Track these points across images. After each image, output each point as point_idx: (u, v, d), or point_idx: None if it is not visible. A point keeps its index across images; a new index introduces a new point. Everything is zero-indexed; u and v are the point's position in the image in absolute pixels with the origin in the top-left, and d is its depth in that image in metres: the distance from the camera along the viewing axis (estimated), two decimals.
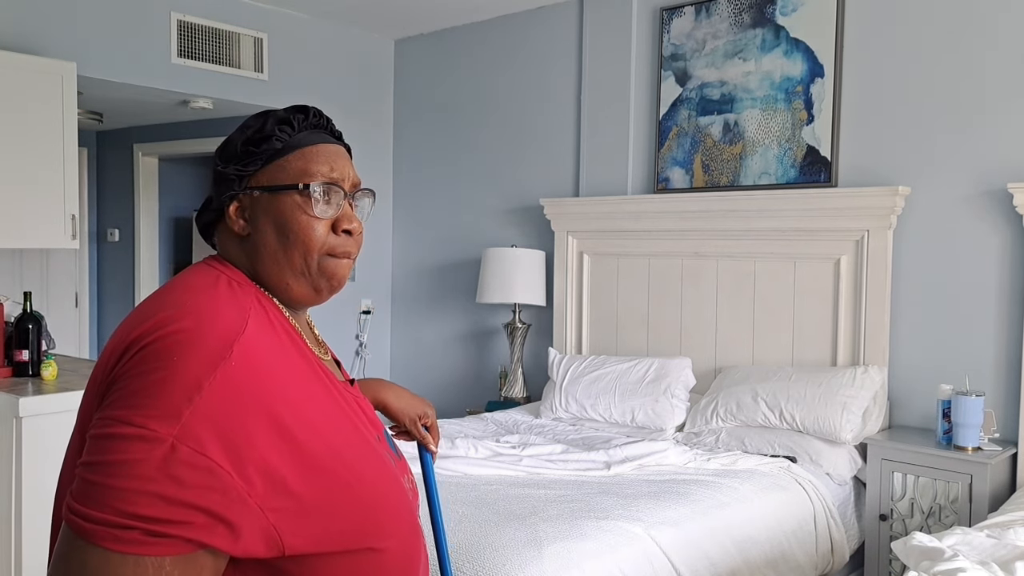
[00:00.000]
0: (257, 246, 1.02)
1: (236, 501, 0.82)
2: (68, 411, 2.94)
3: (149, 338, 0.87)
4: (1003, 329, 3.21)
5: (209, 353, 0.86)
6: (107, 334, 6.42)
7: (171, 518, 0.80)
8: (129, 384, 0.85)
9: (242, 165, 1.03)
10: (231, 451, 0.83)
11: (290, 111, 1.05)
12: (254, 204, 1.02)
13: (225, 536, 0.82)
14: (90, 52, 3.95)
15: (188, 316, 0.89)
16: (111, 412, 0.84)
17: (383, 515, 0.95)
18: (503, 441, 3.34)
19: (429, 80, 5.09)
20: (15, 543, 2.88)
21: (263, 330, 0.94)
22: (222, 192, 1.04)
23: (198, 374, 0.84)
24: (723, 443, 3.37)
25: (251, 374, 0.87)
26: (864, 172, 3.50)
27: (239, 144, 1.04)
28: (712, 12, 3.90)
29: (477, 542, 2.24)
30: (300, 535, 0.86)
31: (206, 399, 0.83)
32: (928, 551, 1.98)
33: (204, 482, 0.81)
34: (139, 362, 0.86)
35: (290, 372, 0.93)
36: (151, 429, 0.81)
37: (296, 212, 1.01)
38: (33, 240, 3.67)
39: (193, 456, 0.81)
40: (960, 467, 2.99)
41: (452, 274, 4.98)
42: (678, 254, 3.94)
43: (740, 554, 2.64)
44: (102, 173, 6.45)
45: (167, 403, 0.82)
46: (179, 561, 0.81)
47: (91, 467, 0.82)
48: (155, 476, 0.80)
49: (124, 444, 0.81)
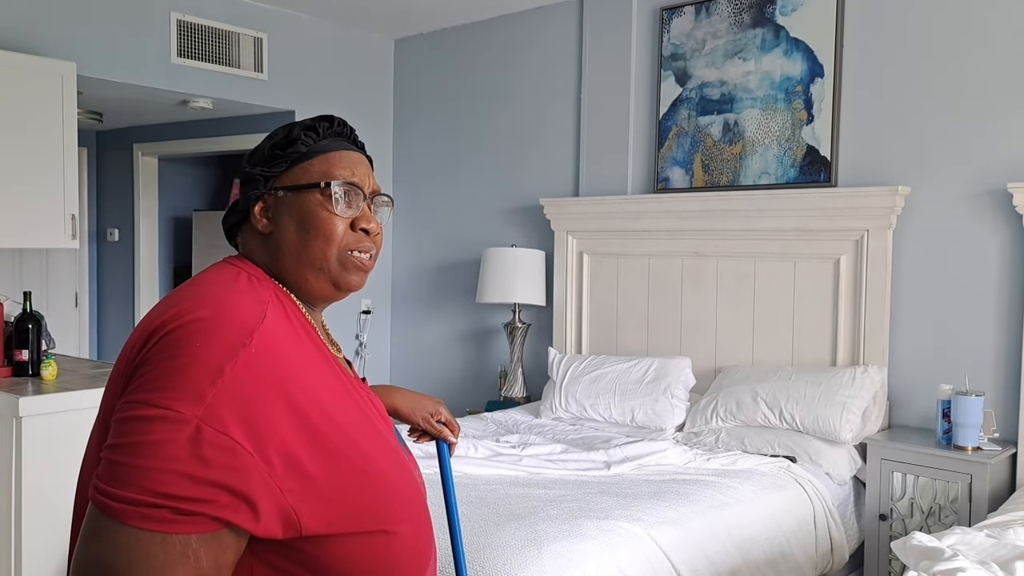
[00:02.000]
0: (279, 243, 1.06)
1: (257, 481, 0.85)
2: (68, 411, 2.95)
3: (171, 326, 0.91)
4: (1003, 329, 3.21)
5: (231, 339, 0.90)
6: (107, 334, 6.43)
7: (197, 496, 0.83)
8: (153, 369, 0.88)
9: (268, 167, 1.08)
10: (252, 433, 0.86)
11: (316, 119, 1.11)
12: (278, 203, 1.07)
13: (248, 515, 0.85)
14: (90, 52, 3.95)
15: (208, 305, 0.93)
16: (136, 395, 0.87)
17: (396, 500, 0.98)
18: (503, 441, 3.34)
19: (429, 80, 5.09)
20: (15, 543, 2.88)
21: (280, 321, 0.98)
22: (248, 192, 1.09)
23: (220, 358, 0.88)
24: (723, 443, 3.37)
25: (270, 360, 0.91)
26: (864, 172, 3.50)
27: (266, 148, 1.09)
28: (712, 12, 3.90)
29: (477, 542, 2.24)
30: (316, 516, 0.89)
31: (228, 382, 0.87)
32: (928, 551, 1.98)
33: (228, 462, 0.84)
34: (163, 348, 0.89)
35: (306, 361, 0.97)
36: (176, 411, 0.84)
37: (317, 209, 1.06)
38: (33, 240, 3.67)
39: (217, 437, 0.84)
40: (960, 467, 2.99)
41: (452, 274, 4.98)
42: (678, 254, 3.94)
43: (740, 554, 2.64)
44: (102, 173, 6.45)
45: (191, 386, 0.85)
46: (204, 539, 0.83)
47: (118, 449, 0.85)
48: (181, 456, 0.83)
49: (151, 425, 0.84)
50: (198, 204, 6.79)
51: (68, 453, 2.93)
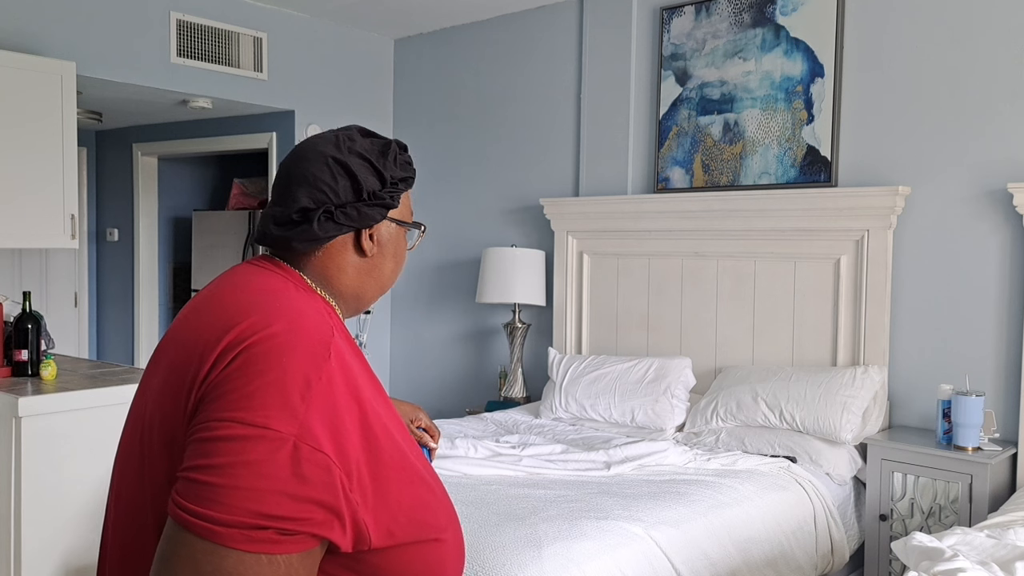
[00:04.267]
0: (375, 268, 1.12)
1: (343, 496, 0.85)
2: (67, 411, 2.95)
3: (248, 341, 0.90)
4: (1003, 329, 3.21)
5: (313, 353, 0.90)
6: (106, 334, 6.42)
7: (299, 515, 0.82)
8: (239, 387, 0.86)
9: (390, 195, 1.10)
10: (338, 447, 0.86)
11: (403, 148, 1.14)
12: (387, 231, 1.12)
13: (339, 530, 0.85)
14: (89, 52, 3.95)
15: (281, 319, 0.93)
16: (225, 414, 0.85)
17: (441, 508, 0.99)
18: (503, 441, 3.34)
19: (429, 80, 5.09)
20: (15, 542, 2.88)
21: (340, 334, 0.99)
22: (366, 214, 1.08)
23: (307, 373, 0.88)
24: (723, 443, 3.37)
25: (344, 373, 0.92)
26: (864, 172, 3.50)
27: (387, 175, 1.10)
28: (712, 12, 3.90)
29: (477, 542, 2.24)
30: (381, 528, 0.89)
31: (316, 397, 0.87)
32: (928, 551, 1.98)
33: (324, 478, 0.84)
34: (243, 364, 0.88)
35: (361, 372, 0.97)
36: (274, 429, 0.83)
37: (403, 244, 1.15)
38: (32, 240, 3.66)
39: (313, 454, 0.84)
40: (960, 467, 2.99)
41: (452, 274, 4.98)
42: (678, 254, 3.93)
43: (740, 554, 2.64)
44: (101, 173, 6.44)
45: (284, 403, 0.85)
46: (303, 556, 0.83)
47: (210, 470, 0.82)
48: (282, 475, 0.82)
49: (247, 444, 0.83)
50: (198, 204, 6.79)
51: (68, 453, 2.93)
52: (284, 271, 1.06)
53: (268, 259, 1.09)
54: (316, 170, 1.07)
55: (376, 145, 1.10)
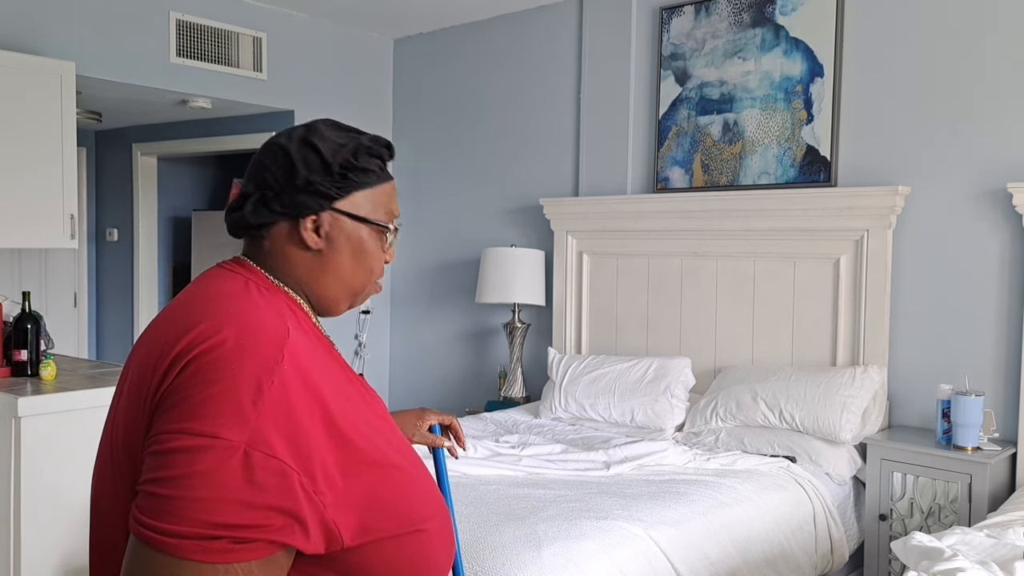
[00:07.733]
0: (327, 263, 1.06)
1: (305, 499, 0.84)
2: (67, 411, 2.95)
3: (197, 350, 0.88)
4: (1003, 329, 3.21)
5: (264, 359, 0.88)
6: (106, 334, 6.42)
7: (254, 523, 0.81)
8: (188, 396, 0.86)
9: (336, 186, 1.05)
10: (295, 450, 0.85)
11: (382, 145, 1.09)
12: (336, 225, 1.05)
13: (301, 534, 0.84)
14: (89, 51, 3.94)
15: (232, 324, 0.91)
16: (175, 425, 0.85)
17: (422, 497, 0.98)
18: (502, 441, 3.34)
19: (428, 80, 5.09)
20: (14, 542, 2.88)
21: (298, 332, 0.96)
22: (299, 201, 1.04)
23: (258, 379, 0.86)
24: (723, 443, 3.37)
25: (301, 375, 0.90)
26: (864, 172, 3.50)
27: (334, 164, 1.04)
28: (712, 12, 3.90)
29: (476, 542, 2.24)
30: (354, 526, 0.88)
31: (268, 403, 0.85)
32: (928, 551, 1.98)
33: (279, 484, 0.83)
34: (194, 374, 0.87)
35: (326, 371, 0.96)
36: (223, 438, 0.82)
37: (372, 243, 1.08)
38: (32, 240, 3.66)
39: (267, 460, 0.83)
40: (960, 467, 2.99)
41: (452, 274, 4.98)
42: (678, 254, 3.93)
43: (740, 554, 2.64)
44: (101, 173, 6.44)
45: (235, 410, 0.84)
46: (262, 563, 0.83)
47: (162, 482, 0.82)
48: (234, 483, 0.81)
49: (197, 455, 0.82)
50: (197, 204, 6.79)
51: (67, 453, 2.93)
52: (247, 271, 1.04)
53: (237, 260, 1.07)
54: (263, 156, 1.07)
55: (340, 137, 1.06)
